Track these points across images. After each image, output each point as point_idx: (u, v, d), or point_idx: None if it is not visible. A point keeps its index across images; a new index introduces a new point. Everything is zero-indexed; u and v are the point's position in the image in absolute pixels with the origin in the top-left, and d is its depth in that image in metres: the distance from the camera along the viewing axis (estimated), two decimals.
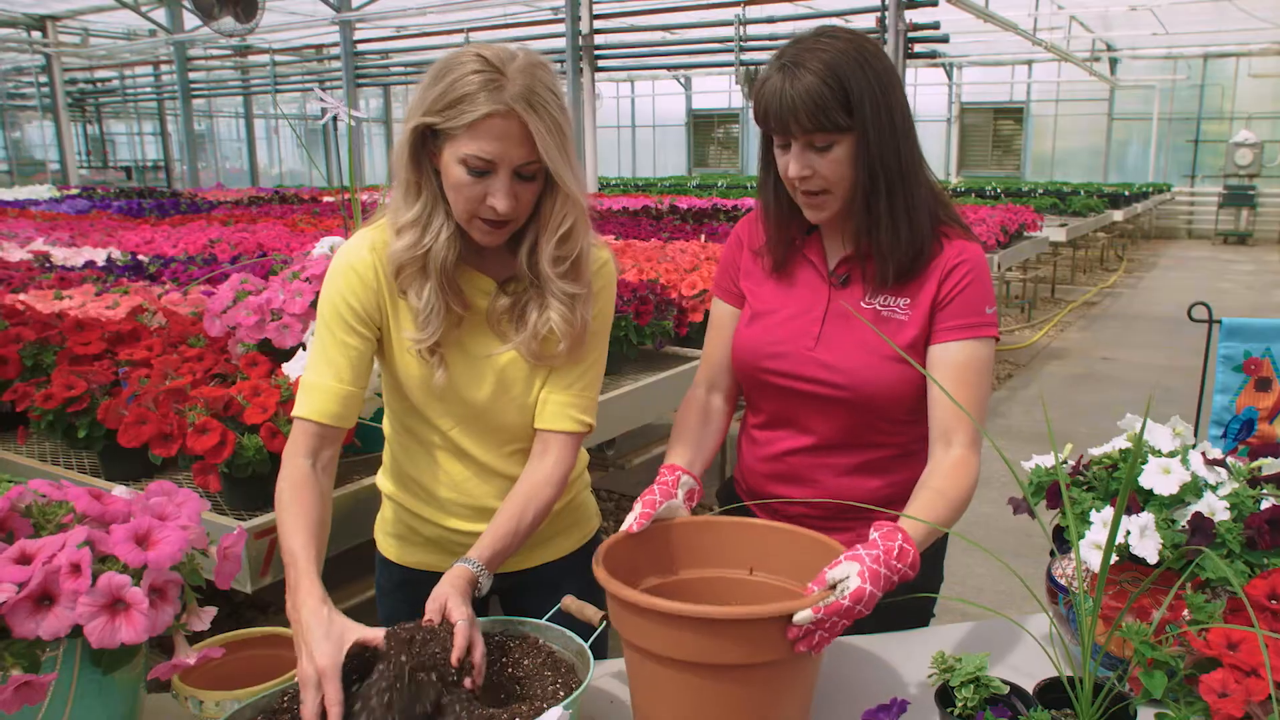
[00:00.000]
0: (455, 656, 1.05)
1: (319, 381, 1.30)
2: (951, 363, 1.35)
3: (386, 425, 1.48)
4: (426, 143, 1.25)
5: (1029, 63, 17.62)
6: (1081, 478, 1.29)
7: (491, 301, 1.34)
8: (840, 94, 1.27)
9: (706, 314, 3.33)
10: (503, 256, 1.35)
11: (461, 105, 1.18)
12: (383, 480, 1.53)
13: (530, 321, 1.32)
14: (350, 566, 2.33)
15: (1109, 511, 1.17)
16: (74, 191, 11.15)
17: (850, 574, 1.05)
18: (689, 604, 1.03)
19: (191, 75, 13.58)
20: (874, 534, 1.11)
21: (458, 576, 1.20)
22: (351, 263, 1.32)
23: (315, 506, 1.25)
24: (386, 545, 1.54)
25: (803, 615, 1.00)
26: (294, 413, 1.31)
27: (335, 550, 1.93)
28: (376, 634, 1.06)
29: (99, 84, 16.89)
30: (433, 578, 1.45)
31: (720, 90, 19.74)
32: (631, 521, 1.22)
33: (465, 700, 1.04)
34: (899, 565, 1.08)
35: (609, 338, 1.45)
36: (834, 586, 1.05)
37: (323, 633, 1.06)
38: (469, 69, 1.19)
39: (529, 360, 1.35)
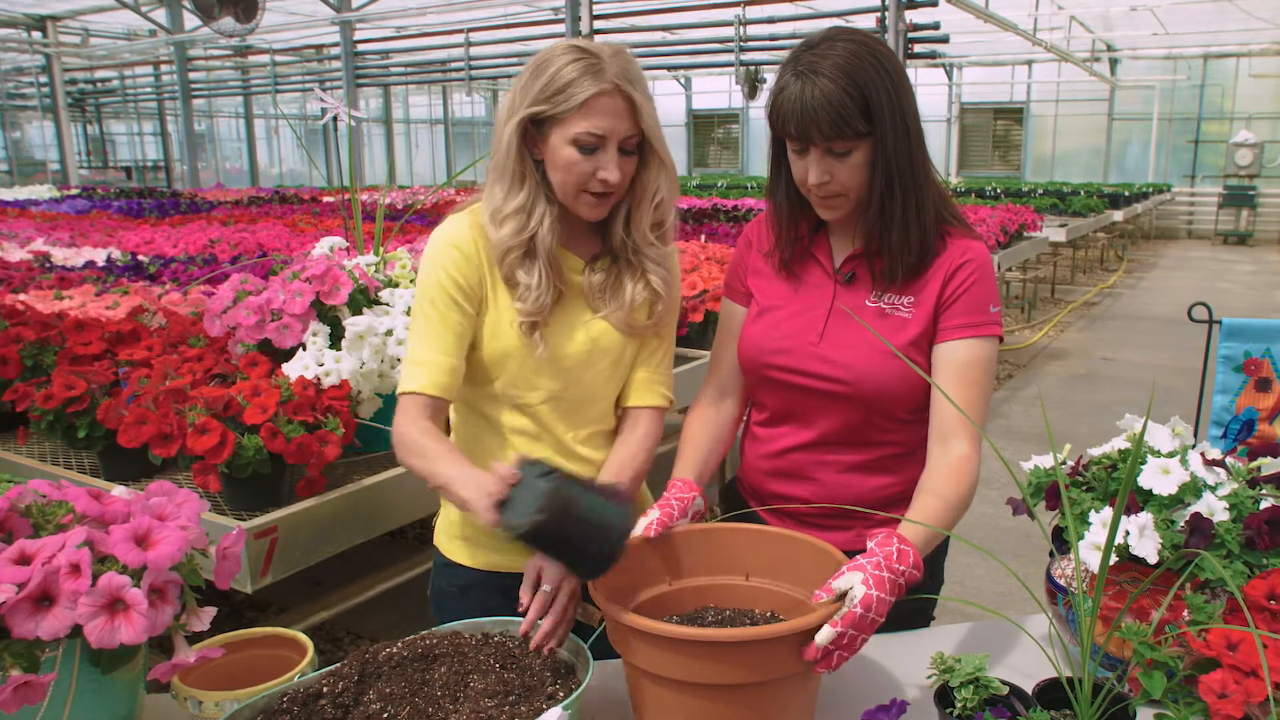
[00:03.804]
0: (533, 639, 1.15)
1: (428, 357, 1.34)
2: (955, 361, 1.35)
3: (455, 416, 1.51)
4: (528, 135, 1.34)
5: (1029, 63, 17.61)
6: (1081, 478, 1.29)
7: (585, 278, 1.43)
8: (860, 101, 1.28)
9: (707, 314, 3.34)
10: (588, 237, 1.45)
11: (569, 89, 1.28)
12: None
13: (626, 293, 1.42)
14: (345, 568, 2.33)
15: (1108, 512, 1.17)
16: (74, 191, 11.16)
17: (854, 583, 1.05)
18: (689, 628, 1.03)
19: (191, 75, 13.59)
20: (870, 543, 1.11)
21: None
22: (453, 239, 1.38)
23: (448, 441, 1.32)
24: (452, 548, 1.53)
25: (825, 634, 1.00)
26: (403, 389, 1.35)
27: (334, 550, 1.93)
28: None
29: (99, 84, 16.88)
30: (502, 578, 1.47)
31: (720, 90, 19.74)
32: (651, 522, 1.24)
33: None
34: (901, 567, 1.08)
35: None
36: (842, 596, 1.05)
37: None
38: (567, 59, 1.30)
39: (622, 331, 1.43)
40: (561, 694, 1.09)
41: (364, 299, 2.23)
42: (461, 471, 1.24)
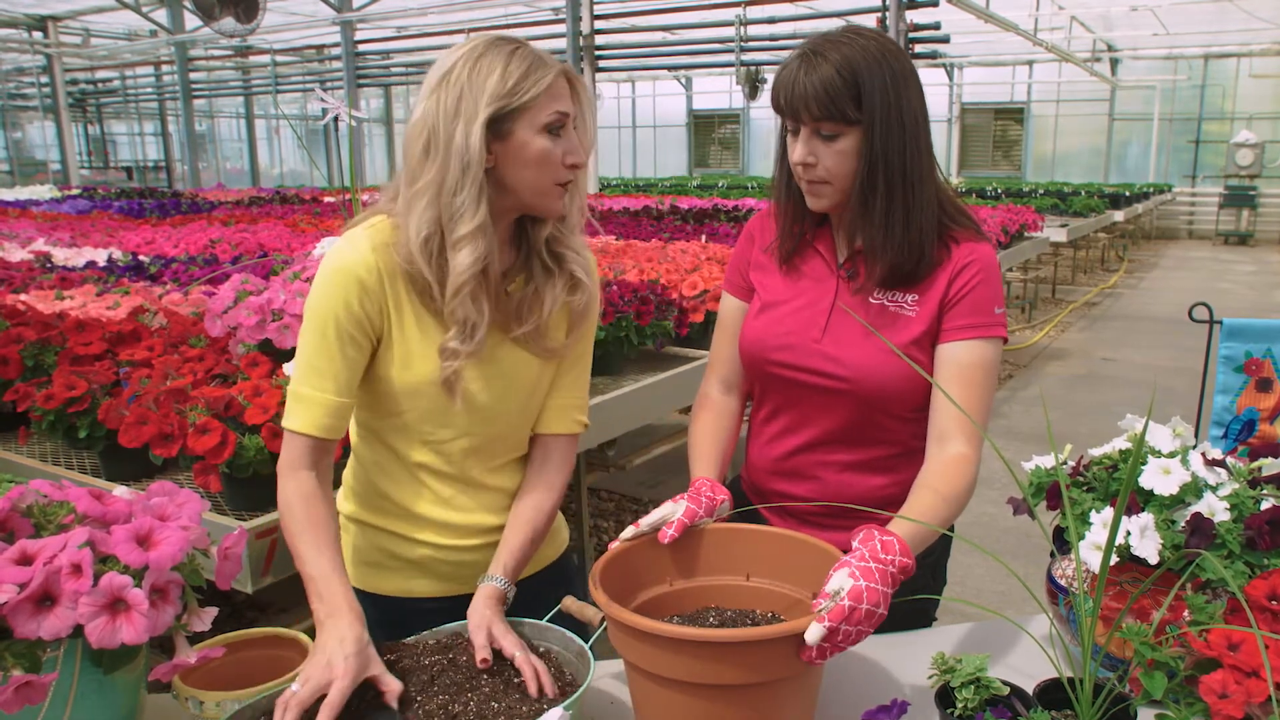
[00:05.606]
0: (533, 688, 1.10)
1: (313, 394, 1.24)
2: (958, 362, 1.35)
3: (356, 441, 1.40)
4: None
5: (1030, 63, 17.62)
6: (1081, 478, 1.28)
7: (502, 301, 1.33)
8: (852, 87, 1.29)
9: (708, 314, 3.35)
10: (500, 253, 1.32)
11: (531, 76, 1.20)
12: (346, 503, 1.44)
13: (546, 301, 1.31)
14: None
15: (1109, 512, 1.17)
16: (75, 192, 11.16)
17: (842, 579, 1.05)
18: (690, 628, 1.02)
19: (192, 75, 13.61)
20: (854, 542, 1.11)
21: (489, 598, 1.22)
22: (352, 266, 1.23)
23: (333, 522, 1.23)
24: (357, 575, 1.42)
25: (813, 632, 0.99)
26: (287, 424, 1.25)
27: None
28: (391, 684, 1.08)
29: (100, 84, 16.91)
30: (414, 604, 1.42)
31: (721, 90, 19.74)
32: (677, 520, 1.23)
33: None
34: (887, 556, 1.07)
35: (594, 342, 1.46)
36: (833, 596, 1.05)
37: (356, 650, 1.08)
38: (506, 50, 1.22)
39: (539, 356, 1.35)
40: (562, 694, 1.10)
41: None
42: (320, 570, 1.16)
